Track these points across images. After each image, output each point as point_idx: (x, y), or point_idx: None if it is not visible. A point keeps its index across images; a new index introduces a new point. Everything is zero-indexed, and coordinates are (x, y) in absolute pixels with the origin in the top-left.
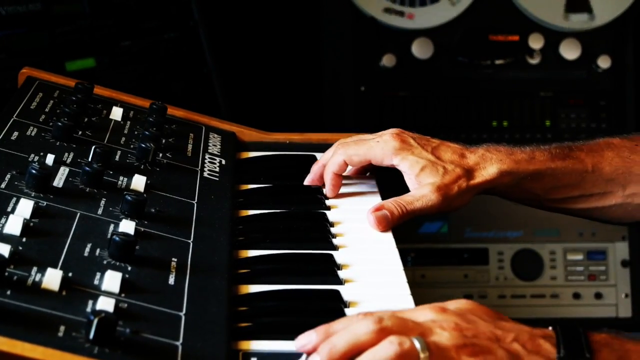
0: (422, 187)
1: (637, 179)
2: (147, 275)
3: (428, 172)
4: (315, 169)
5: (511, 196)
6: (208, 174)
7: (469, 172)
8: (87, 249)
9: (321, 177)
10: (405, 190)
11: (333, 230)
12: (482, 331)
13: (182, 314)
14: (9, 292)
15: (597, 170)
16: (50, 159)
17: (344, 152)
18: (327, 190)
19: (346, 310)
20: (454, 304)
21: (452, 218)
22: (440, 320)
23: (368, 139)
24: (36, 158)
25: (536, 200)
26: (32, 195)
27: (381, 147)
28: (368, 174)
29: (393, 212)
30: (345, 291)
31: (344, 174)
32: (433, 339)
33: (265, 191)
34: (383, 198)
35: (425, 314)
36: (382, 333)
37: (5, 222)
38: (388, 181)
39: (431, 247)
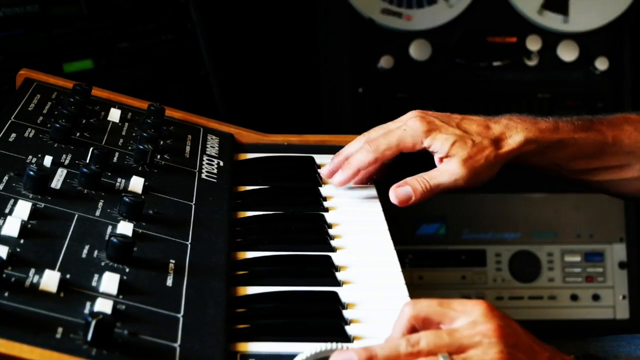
0: (448, 162)
1: None
2: (145, 276)
3: (458, 146)
4: (336, 160)
5: (533, 165)
6: (206, 176)
7: (495, 142)
8: (85, 251)
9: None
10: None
11: (331, 231)
12: (522, 342)
13: (180, 315)
14: (6, 294)
15: (617, 142)
16: (48, 160)
17: (376, 149)
18: (342, 177)
19: (344, 312)
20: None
21: (449, 219)
22: (484, 322)
23: (392, 128)
24: (34, 159)
25: (556, 171)
26: (30, 196)
27: (410, 133)
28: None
29: (416, 188)
30: (343, 293)
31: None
32: (464, 356)
33: (263, 193)
34: (381, 200)
35: (475, 310)
36: (414, 355)
37: (3, 223)
38: (387, 182)
39: (429, 249)
